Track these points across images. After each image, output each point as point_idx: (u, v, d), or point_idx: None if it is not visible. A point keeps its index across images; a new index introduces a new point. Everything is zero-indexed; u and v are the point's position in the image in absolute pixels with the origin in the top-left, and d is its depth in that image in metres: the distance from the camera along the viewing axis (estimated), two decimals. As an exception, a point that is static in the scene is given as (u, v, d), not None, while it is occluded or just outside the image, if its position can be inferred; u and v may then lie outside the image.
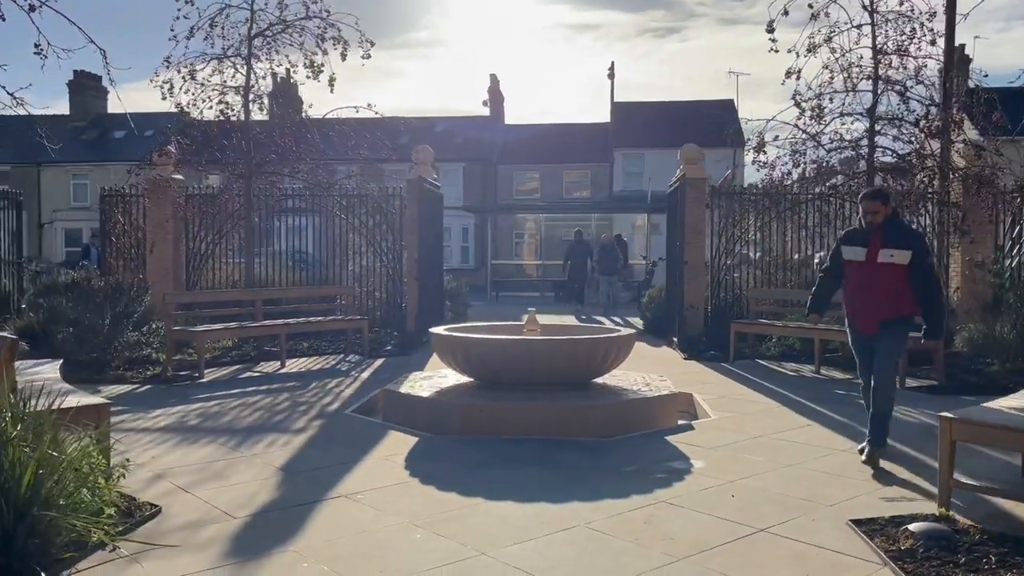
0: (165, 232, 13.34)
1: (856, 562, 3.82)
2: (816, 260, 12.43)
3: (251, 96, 11.70)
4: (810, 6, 10.83)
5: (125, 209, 13.97)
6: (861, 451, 5.68)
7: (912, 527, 4.05)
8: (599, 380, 7.46)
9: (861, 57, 11.12)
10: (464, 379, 7.38)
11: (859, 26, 11.05)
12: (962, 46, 19.15)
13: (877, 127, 11.24)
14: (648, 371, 8.34)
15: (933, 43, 11.12)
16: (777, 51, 10.92)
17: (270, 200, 13.01)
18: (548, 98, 78.08)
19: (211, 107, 11.37)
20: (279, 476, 5.27)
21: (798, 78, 11.23)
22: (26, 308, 11.98)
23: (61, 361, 6.85)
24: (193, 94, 11.33)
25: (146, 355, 9.91)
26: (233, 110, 11.47)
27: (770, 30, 10.66)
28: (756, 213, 13.03)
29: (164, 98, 11.40)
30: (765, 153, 11.77)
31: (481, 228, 35.95)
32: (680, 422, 7.20)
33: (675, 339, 12.24)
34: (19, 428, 3.69)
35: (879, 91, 11.16)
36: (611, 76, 37.21)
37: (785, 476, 5.27)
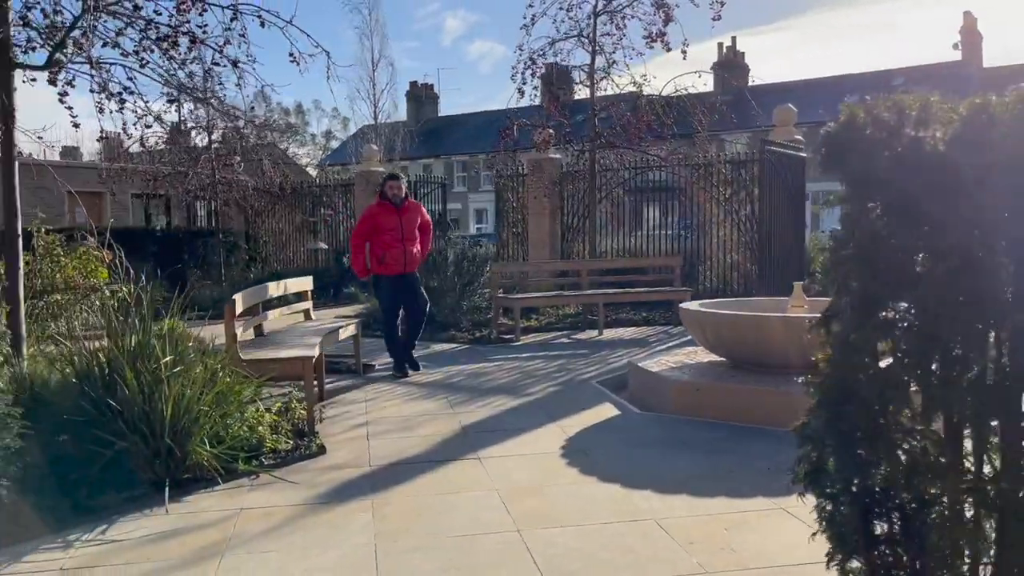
0: (542, 207, 14.56)
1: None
2: None
3: (596, 75, 12.10)
4: None
5: (514, 189, 15.54)
6: None
7: None
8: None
9: None
10: (715, 358, 6.96)
11: None
12: None
13: None
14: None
15: None
16: None
17: (615, 175, 13.35)
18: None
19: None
20: (451, 434, 5.66)
21: None
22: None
23: (356, 320, 8.11)
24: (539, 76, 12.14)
25: (490, 319, 11.04)
26: (566, 91, 12.04)
27: None
28: None
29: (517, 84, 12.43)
30: None
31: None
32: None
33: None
34: (174, 371, 4.65)
35: None
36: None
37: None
